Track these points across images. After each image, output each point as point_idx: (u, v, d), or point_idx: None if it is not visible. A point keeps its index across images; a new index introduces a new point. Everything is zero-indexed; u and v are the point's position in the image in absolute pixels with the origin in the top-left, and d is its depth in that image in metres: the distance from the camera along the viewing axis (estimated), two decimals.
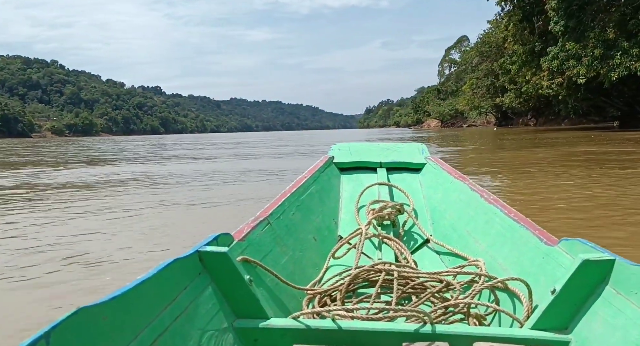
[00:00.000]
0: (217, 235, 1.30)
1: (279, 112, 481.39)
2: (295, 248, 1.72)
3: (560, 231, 3.33)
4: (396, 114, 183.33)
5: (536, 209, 4.56)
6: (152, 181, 8.59)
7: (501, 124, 73.37)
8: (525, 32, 30.11)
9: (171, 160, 15.55)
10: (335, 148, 2.80)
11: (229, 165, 12.35)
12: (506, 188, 6.36)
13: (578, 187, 6.00)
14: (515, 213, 1.63)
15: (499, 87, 58.03)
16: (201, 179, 8.63)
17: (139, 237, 3.89)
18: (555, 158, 10.57)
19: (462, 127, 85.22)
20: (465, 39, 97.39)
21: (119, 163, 14.29)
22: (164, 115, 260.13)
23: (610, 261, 1.14)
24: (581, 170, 8.04)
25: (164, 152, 21.43)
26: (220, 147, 26.38)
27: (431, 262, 1.87)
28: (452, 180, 2.22)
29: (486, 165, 9.83)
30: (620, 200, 4.99)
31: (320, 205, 2.14)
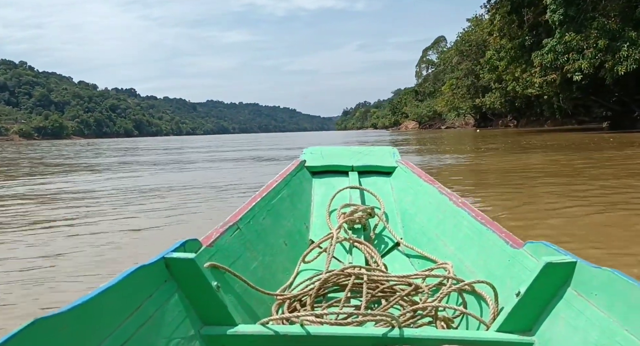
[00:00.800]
0: (184, 241, 1.27)
1: (256, 114, 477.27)
2: (266, 253, 1.70)
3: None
4: (373, 116, 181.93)
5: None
6: (57, 205, 5.66)
7: (480, 125, 71.45)
8: (514, 25, 27.59)
9: (122, 167, 12.78)
10: (307, 151, 2.73)
11: (189, 177, 9.63)
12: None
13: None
14: (482, 216, 1.63)
15: (479, 87, 55.81)
16: (133, 202, 5.97)
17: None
18: (590, 168, 7.90)
19: (440, 129, 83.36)
20: (442, 39, 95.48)
21: (50, 173, 11.24)
22: (138, 117, 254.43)
23: (571, 263, 1.16)
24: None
25: (124, 157, 18.63)
26: (189, 150, 23.38)
27: (401, 265, 1.85)
28: (422, 183, 2.19)
29: (499, 181, 7.01)
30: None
31: (291, 209, 2.10)
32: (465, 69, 56.09)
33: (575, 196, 5.26)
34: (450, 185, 5.82)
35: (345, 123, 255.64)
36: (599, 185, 6.10)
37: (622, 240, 3.36)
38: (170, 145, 33.04)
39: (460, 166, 10.00)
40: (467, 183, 7.13)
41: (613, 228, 3.69)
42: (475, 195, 5.62)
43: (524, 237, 1.46)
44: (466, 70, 56.10)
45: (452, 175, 8.11)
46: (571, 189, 5.87)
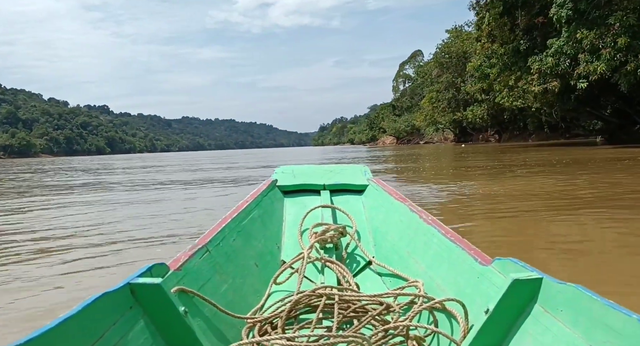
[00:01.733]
0: (150, 266, 1.24)
1: (233, 130, 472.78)
2: (236, 275, 1.66)
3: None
4: (350, 131, 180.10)
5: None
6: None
7: (460, 140, 69.15)
8: (506, 28, 24.71)
9: (53, 191, 9.69)
10: (278, 171, 2.70)
11: (133, 210, 6.80)
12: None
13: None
14: (452, 233, 1.64)
15: (460, 100, 53.27)
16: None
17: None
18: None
19: (419, 144, 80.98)
20: (419, 53, 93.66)
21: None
22: (110, 134, 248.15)
23: (538, 280, 1.17)
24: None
25: (75, 179, 15.13)
26: (155, 169, 19.75)
27: (373, 284, 1.84)
28: (393, 201, 2.18)
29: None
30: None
31: (262, 230, 2.07)
32: (446, 81, 53.58)
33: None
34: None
35: (322, 139, 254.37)
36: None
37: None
38: (134, 164, 29.18)
39: (456, 195, 6.87)
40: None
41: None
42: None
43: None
44: (446, 83, 53.58)
45: (449, 213, 5.25)
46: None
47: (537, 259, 3.17)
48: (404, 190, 7.36)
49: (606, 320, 0.96)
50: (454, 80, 52.82)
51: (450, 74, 53.40)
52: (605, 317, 0.97)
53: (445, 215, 5.06)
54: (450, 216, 5.00)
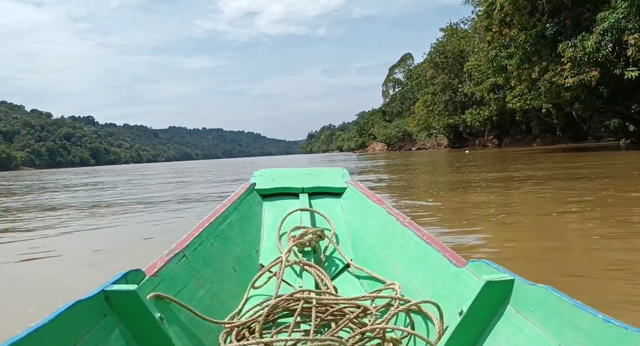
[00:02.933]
0: (126, 272, 1.23)
1: (220, 139, 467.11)
2: (214, 280, 1.64)
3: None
4: (339, 139, 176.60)
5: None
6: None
7: (455, 146, 65.34)
8: (525, 11, 20.67)
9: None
10: (257, 174, 2.66)
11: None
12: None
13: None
14: (428, 235, 1.64)
15: (458, 102, 49.38)
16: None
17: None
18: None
19: (411, 150, 77.08)
20: (409, 57, 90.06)
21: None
22: (94, 145, 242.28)
23: (510, 281, 1.18)
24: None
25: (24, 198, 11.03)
26: (125, 184, 15.79)
27: (351, 287, 1.83)
28: (371, 204, 2.18)
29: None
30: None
31: (240, 234, 2.05)
32: (442, 82, 49.63)
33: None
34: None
35: (311, 147, 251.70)
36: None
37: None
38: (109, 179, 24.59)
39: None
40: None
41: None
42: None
43: None
44: (443, 85, 49.63)
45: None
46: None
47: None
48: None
49: (574, 320, 0.99)
50: (451, 82, 48.95)
51: (447, 75, 49.53)
52: (573, 317, 0.99)
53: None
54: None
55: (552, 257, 3.31)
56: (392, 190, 9.16)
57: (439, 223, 4.94)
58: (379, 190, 9.07)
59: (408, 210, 5.83)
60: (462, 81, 47.80)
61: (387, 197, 7.74)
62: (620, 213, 4.81)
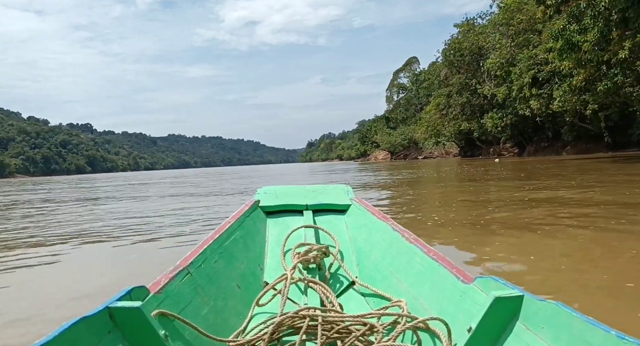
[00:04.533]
0: (130, 289, 1.22)
1: (219, 148, 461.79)
2: (218, 297, 1.61)
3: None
4: (338, 147, 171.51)
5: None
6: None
7: (466, 154, 59.93)
8: None
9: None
10: (261, 191, 2.60)
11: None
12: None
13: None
14: (434, 252, 1.62)
15: (476, 105, 43.91)
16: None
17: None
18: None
19: (417, 159, 71.60)
20: (414, 60, 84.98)
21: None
22: (91, 153, 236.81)
23: (519, 297, 1.16)
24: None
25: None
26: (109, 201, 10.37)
27: (357, 305, 1.81)
28: (376, 220, 2.16)
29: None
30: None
31: (245, 251, 2.01)
32: (458, 83, 44.17)
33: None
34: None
35: (310, 155, 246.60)
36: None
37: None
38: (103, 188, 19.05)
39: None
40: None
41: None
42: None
43: None
44: (459, 85, 44.17)
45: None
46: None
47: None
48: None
49: (586, 337, 0.96)
50: (468, 82, 43.54)
51: (463, 75, 44.13)
52: (584, 334, 0.96)
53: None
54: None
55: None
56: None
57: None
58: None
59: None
60: (480, 81, 42.39)
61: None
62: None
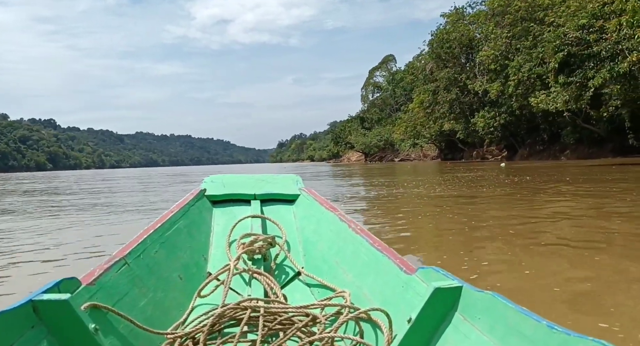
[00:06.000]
0: (59, 281, 1.15)
1: (188, 146, 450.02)
2: (157, 288, 1.54)
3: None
4: (310, 148, 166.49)
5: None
6: None
7: (447, 157, 55.61)
8: None
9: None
10: (208, 180, 2.47)
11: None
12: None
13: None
14: (379, 242, 1.61)
15: (466, 102, 39.31)
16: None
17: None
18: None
19: (393, 161, 67.02)
20: (391, 58, 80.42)
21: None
22: (53, 149, 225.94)
23: (458, 288, 1.16)
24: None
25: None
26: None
27: (302, 295, 1.78)
28: (324, 211, 2.11)
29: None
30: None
31: (188, 241, 1.92)
32: (446, 78, 39.40)
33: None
34: None
35: (281, 156, 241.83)
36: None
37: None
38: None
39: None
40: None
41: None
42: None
43: None
44: (447, 80, 39.41)
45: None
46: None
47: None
48: None
49: (519, 327, 0.98)
50: (457, 77, 38.89)
51: (451, 69, 39.46)
52: (518, 324, 0.98)
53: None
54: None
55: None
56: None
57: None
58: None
59: None
60: (470, 76, 37.85)
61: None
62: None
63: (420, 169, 27.48)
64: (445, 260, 3.39)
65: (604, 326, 2.02)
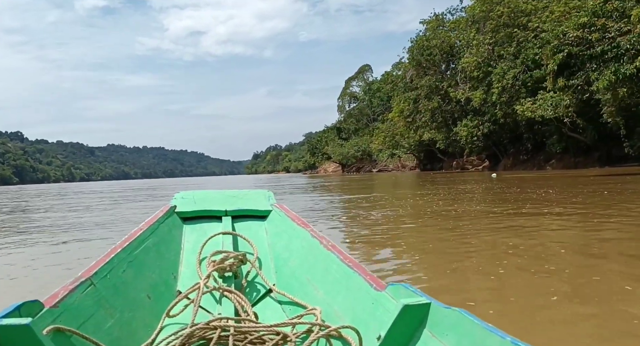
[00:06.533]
0: (19, 304, 1.10)
1: (162, 158, 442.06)
2: (125, 309, 1.49)
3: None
4: (285, 159, 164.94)
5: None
6: None
7: (426, 168, 54.46)
8: None
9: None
10: (178, 196, 2.41)
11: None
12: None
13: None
14: (350, 259, 1.60)
15: (447, 111, 38.02)
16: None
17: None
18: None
19: (371, 172, 65.69)
20: (367, 68, 79.47)
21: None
22: (19, 163, 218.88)
23: (426, 305, 1.17)
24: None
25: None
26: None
27: (273, 313, 1.74)
28: (296, 227, 2.09)
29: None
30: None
31: (157, 259, 1.86)
32: (427, 85, 38.04)
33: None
34: None
35: (256, 167, 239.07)
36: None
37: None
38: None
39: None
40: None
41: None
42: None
43: None
44: (428, 88, 38.04)
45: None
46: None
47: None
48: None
49: (485, 343, 0.99)
50: (438, 85, 37.62)
51: (432, 76, 38.18)
52: (484, 340, 0.99)
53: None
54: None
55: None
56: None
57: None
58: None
59: None
60: (452, 84, 36.64)
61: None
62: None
63: (403, 181, 25.81)
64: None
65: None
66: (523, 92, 30.28)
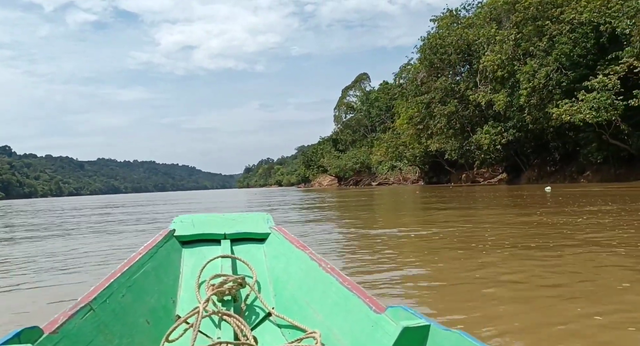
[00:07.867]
0: (19, 331, 1.09)
1: (152, 172, 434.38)
2: (124, 334, 1.46)
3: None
4: (277, 173, 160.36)
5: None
6: None
7: (431, 181, 50.06)
8: None
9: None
10: (177, 220, 2.41)
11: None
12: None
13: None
14: (349, 281, 1.59)
15: (465, 116, 33.56)
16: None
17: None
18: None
19: (371, 185, 61.26)
20: (365, 77, 75.36)
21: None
22: (6, 177, 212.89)
23: (426, 327, 1.17)
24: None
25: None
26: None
27: (273, 337, 1.73)
28: (294, 249, 2.06)
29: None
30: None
31: (156, 284, 1.84)
32: (442, 88, 33.61)
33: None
34: None
35: (248, 181, 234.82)
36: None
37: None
38: None
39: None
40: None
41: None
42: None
43: None
44: (443, 91, 33.62)
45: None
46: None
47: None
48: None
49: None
50: (454, 87, 33.27)
51: (448, 78, 33.85)
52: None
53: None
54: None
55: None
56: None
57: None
58: None
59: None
60: (470, 86, 32.28)
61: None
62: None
63: (414, 199, 21.24)
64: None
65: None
66: (557, 93, 25.99)
